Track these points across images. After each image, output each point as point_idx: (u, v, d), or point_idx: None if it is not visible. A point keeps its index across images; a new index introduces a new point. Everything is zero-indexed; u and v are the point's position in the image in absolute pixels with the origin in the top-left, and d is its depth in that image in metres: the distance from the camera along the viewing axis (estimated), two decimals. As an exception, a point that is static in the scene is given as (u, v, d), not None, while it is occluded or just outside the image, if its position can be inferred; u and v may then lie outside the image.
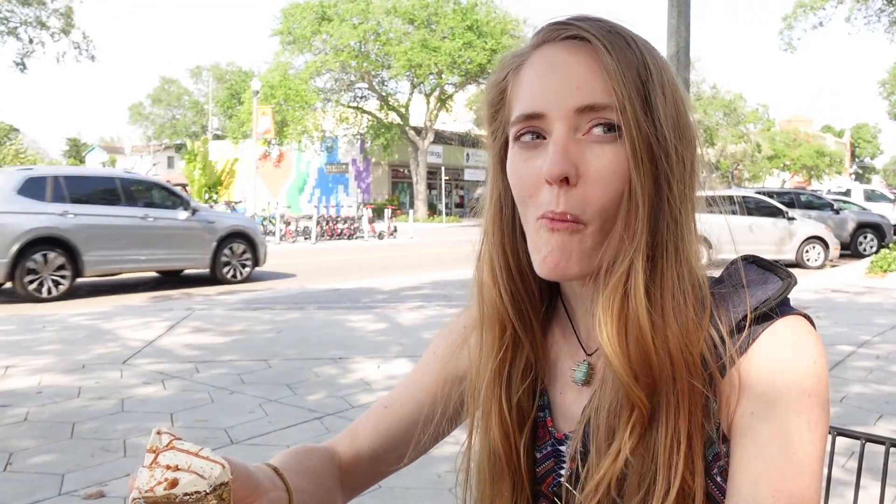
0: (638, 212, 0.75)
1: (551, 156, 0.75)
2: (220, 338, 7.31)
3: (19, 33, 26.62)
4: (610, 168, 0.75)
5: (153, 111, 74.59)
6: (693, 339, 0.75)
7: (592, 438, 0.80)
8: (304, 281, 12.69)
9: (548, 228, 0.77)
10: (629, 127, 0.74)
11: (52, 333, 7.44)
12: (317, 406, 5.02)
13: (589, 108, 0.75)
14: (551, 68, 0.78)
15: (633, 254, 0.75)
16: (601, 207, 0.76)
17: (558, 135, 0.76)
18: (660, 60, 0.79)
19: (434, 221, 36.27)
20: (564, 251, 0.77)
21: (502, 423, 0.88)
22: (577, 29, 0.78)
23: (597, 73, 0.75)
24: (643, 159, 0.74)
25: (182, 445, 0.68)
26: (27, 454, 4.08)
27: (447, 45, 33.27)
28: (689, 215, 0.78)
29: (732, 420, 0.75)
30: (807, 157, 66.20)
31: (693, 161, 0.79)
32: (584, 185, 0.76)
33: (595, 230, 0.76)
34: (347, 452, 1.00)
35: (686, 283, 0.77)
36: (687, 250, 0.77)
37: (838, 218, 18.70)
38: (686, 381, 0.75)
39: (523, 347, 0.88)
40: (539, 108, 0.78)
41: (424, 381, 1.01)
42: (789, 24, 25.89)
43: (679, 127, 0.77)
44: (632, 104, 0.74)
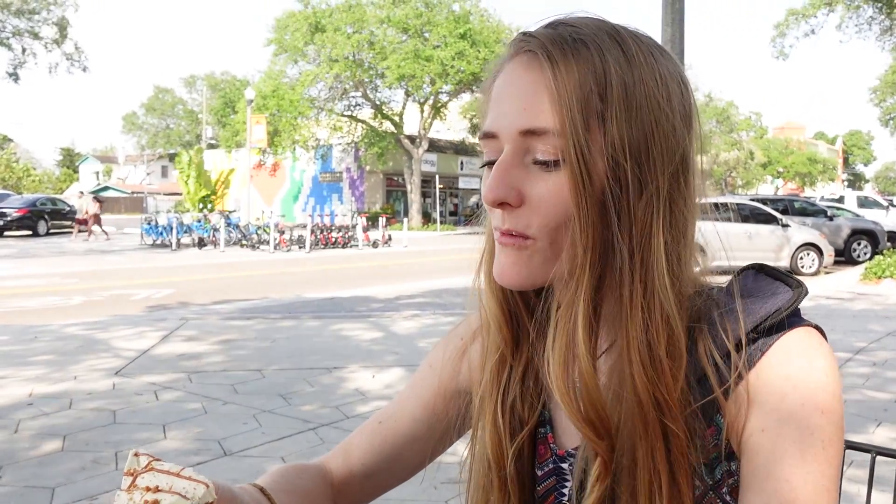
0: (581, 246, 0.71)
1: (489, 181, 0.74)
2: (214, 347, 7.26)
3: (11, 44, 26.55)
4: (552, 196, 0.72)
5: (147, 120, 74.51)
6: (666, 378, 0.71)
7: (590, 463, 0.77)
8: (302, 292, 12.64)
9: (499, 242, 0.76)
10: (570, 156, 0.70)
11: (44, 344, 7.38)
12: (311, 417, 4.98)
13: (530, 133, 0.72)
14: (507, 86, 0.75)
15: (575, 289, 0.72)
16: (546, 228, 0.73)
17: (503, 158, 0.74)
18: (637, 67, 0.72)
19: (429, 230, 36.23)
20: (513, 265, 0.75)
21: (495, 426, 0.85)
22: (533, 42, 0.74)
23: (543, 93, 0.71)
24: (585, 189, 0.70)
25: (162, 466, 0.65)
26: (17, 467, 4.02)
27: (439, 54, 33.29)
28: (658, 244, 0.72)
29: (741, 437, 0.72)
30: (799, 164, 66.45)
31: (674, 181, 0.73)
32: (528, 209, 0.73)
33: (544, 245, 0.74)
34: (340, 470, 0.97)
35: (655, 317, 0.72)
36: (656, 283, 0.72)
37: (832, 225, 18.73)
38: (658, 422, 0.71)
39: (521, 352, 0.85)
40: (492, 128, 0.76)
41: (421, 396, 0.97)
42: (781, 31, 26.00)
43: (649, 146, 0.71)
44: (574, 129, 0.69)
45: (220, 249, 23.04)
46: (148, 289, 12.54)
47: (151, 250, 23.10)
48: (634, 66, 0.72)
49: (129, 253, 21.80)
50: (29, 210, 30.11)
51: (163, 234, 24.76)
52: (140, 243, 25.21)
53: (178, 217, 25.31)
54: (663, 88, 0.73)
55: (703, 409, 0.73)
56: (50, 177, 74.18)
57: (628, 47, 0.73)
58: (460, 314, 0.98)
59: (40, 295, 11.76)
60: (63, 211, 32.54)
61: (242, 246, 24.24)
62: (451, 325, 1.01)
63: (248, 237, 24.53)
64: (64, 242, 26.15)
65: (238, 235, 24.89)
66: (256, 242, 23.97)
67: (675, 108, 0.74)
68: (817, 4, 24.89)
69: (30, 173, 66.87)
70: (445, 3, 34.94)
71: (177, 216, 25.53)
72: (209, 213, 28.16)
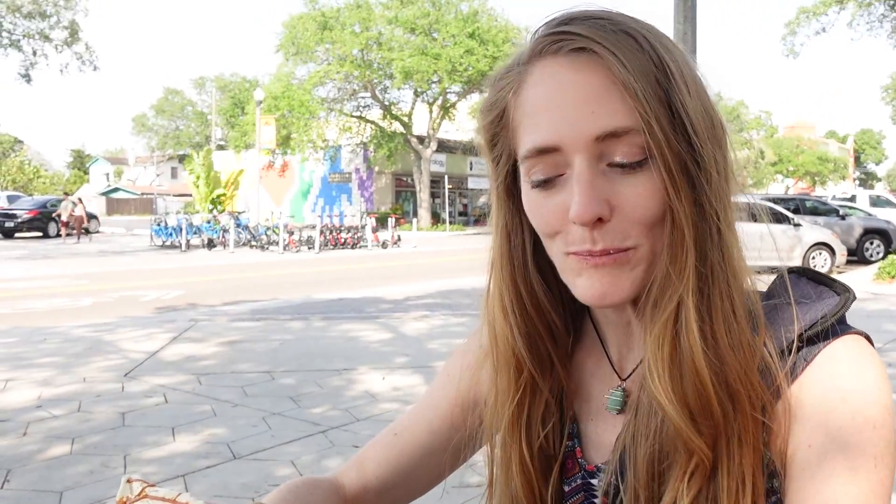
0: (683, 240, 0.66)
1: (578, 197, 0.66)
2: (223, 349, 7.24)
3: (22, 45, 26.68)
4: (646, 196, 0.66)
5: (157, 122, 74.77)
6: (751, 363, 0.67)
7: (630, 472, 0.72)
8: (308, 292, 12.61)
9: (589, 265, 0.69)
10: (660, 149, 0.64)
11: (53, 346, 7.37)
12: (321, 419, 4.94)
13: (611, 135, 0.66)
14: (559, 91, 0.67)
15: (683, 289, 0.67)
16: (645, 230, 0.68)
17: (581, 170, 0.67)
18: (676, 52, 0.68)
19: (438, 230, 36.21)
20: (616, 282, 0.69)
21: (524, 472, 0.80)
22: (581, 39, 0.67)
23: (612, 91, 0.65)
24: (680, 181, 0.66)
25: (156, 493, 0.61)
26: (25, 470, 3.99)
27: (448, 52, 33.26)
28: (731, 225, 0.69)
29: (785, 454, 0.67)
30: (810, 163, 66.14)
31: (726, 164, 0.70)
32: (620, 217, 0.67)
33: (646, 250, 0.68)
34: (354, 485, 0.92)
35: (739, 305, 0.68)
36: (736, 268, 0.68)
37: (844, 224, 18.59)
38: (749, 413, 0.66)
39: (542, 389, 0.80)
40: (553, 141, 0.68)
41: (439, 406, 0.92)
42: (792, 29, 25.87)
43: (711, 127, 0.68)
44: (658, 121, 0.64)
45: (230, 250, 23.08)
46: (157, 290, 12.55)
47: (161, 251, 23.15)
48: (673, 51, 0.69)
49: (139, 254, 21.86)
50: (39, 212, 30.27)
51: (172, 235, 24.83)
52: (150, 244, 25.29)
53: (187, 218, 25.38)
54: (694, 69, 0.70)
55: None
56: (60, 178, 74.57)
57: (659, 35, 0.69)
58: (470, 315, 0.92)
59: (50, 296, 11.78)
60: (73, 212, 32.71)
61: (252, 247, 24.29)
62: (460, 326, 0.97)
63: (257, 238, 24.57)
64: (64, 246, 26.25)
65: (247, 236, 24.94)
66: (266, 243, 24.01)
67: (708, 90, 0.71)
68: (828, 2, 24.76)
69: (40, 175, 67.28)
70: (453, 2, 34.91)
71: (186, 217, 25.61)
72: (218, 214, 28.24)
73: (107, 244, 26.12)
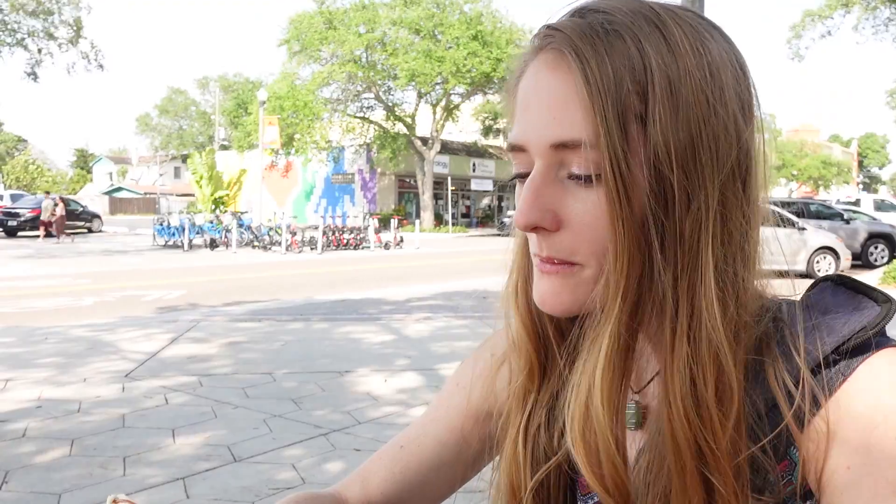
0: (613, 273, 0.62)
1: (520, 203, 0.64)
2: (224, 350, 7.20)
3: (27, 44, 26.70)
4: (594, 215, 0.62)
5: (160, 122, 74.86)
6: (713, 422, 0.61)
7: (649, 496, 0.67)
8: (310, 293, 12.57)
9: (538, 269, 0.67)
10: (604, 170, 0.60)
11: (52, 346, 7.33)
12: (322, 422, 4.89)
13: (562, 146, 0.62)
14: (535, 91, 0.65)
15: (603, 326, 0.63)
16: (593, 250, 0.63)
17: (533, 176, 0.64)
18: (682, 56, 0.61)
19: (440, 231, 36.17)
20: (558, 293, 0.66)
21: (514, 453, 0.76)
22: (558, 37, 0.63)
23: (575, 99, 0.61)
24: (622, 209, 0.60)
25: None
26: (24, 472, 3.96)
27: (451, 54, 33.25)
28: (706, 266, 0.62)
29: (821, 474, 0.62)
30: (813, 167, 66.00)
31: (726, 189, 0.62)
32: (569, 232, 0.64)
33: (592, 272, 0.64)
34: (357, 500, 0.88)
35: (702, 350, 0.61)
36: (704, 314, 0.61)
37: (849, 228, 18.52)
38: (697, 473, 0.62)
39: (550, 377, 0.77)
40: (520, 141, 0.66)
41: (447, 417, 0.88)
42: (797, 33, 25.80)
43: (697, 151, 0.61)
44: (610, 140, 0.59)
45: (232, 250, 23.06)
46: (159, 290, 12.52)
47: (164, 251, 23.13)
48: (679, 55, 0.61)
49: (142, 254, 21.85)
50: (42, 210, 30.24)
51: (175, 234, 24.82)
52: (152, 244, 25.28)
53: (190, 218, 25.38)
54: (714, 79, 0.62)
55: (773, 442, 0.63)
56: (64, 177, 74.66)
57: (671, 33, 0.62)
58: (473, 317, 0.89)
59: (52, 296, 11.75)
60: (76, 211, 32.74)
61: (254, 247, 24.26)
62: (463, 328, 0.93)
63: (259, 238, 24.55)
64: (78, 243, 26.24)
65: (250, 236, 24.91)
66: (268, 244, 23.98)
67: (730, 101, 0.63)
68: (834, 5, 24.70)
69: (43, 174, 67.37)
70: (457, 4, 34.90)
71: (189, 217, 25.61)
72: (221, 214, 28.22)
73: (109, 243, 26.10)
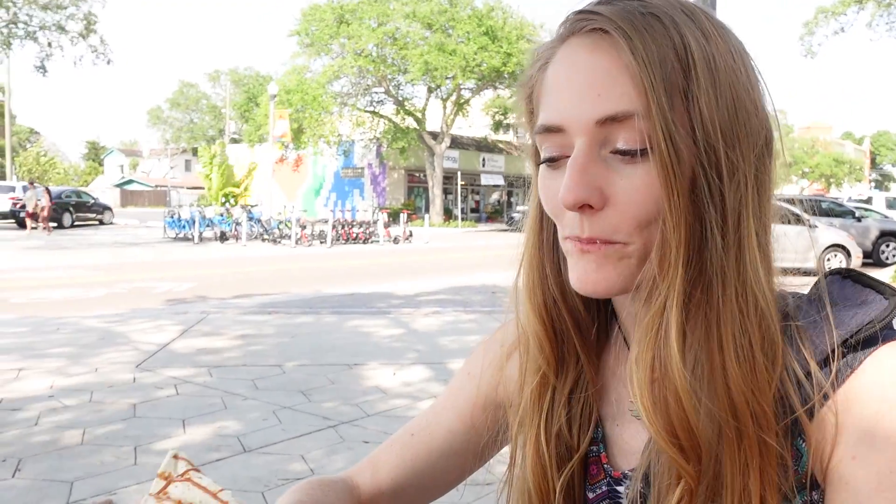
0: (674, 242, 0.63)
1: (566, 180, 0.64)
2: (234, 342, 7.24)
3: (38, 37, 26.83)
4: (642, 191, 0.63)
5: (171, 115, 75.09)
6: (762, 384, 0.63)
7: (655, 480, 0.68)
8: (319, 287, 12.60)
9: (577, 250, 0.67)
10: (658, 142, 0.61)
11: (65, 336, 7.39)
12: (331, 414, 4.92)
13: (611, 120, 0.63)
14: (572, 71, 0.66)
15: (667, 294, 0.64)
16: (638, 228, 0.65)
17: (576, 154, 0.65)
18: (713, 40, 0.65)
19: (450, 226, 36.16)
20: (599, 271, 0.66)
21: (538, 456, 0.77)
22: (599, 19, 0.65)
23: (621, 75, 0.63)
24: (676, 180, 0.62)
25: (200, 480, 0.58)
26: (36, 460, 4.00)
27: (462, 49, 33.20)
28: (750, 233, 0.65)
29: (827, 466, 0.63)
30: (825, 164, 65.64)
31: (759, 164, 0.66)
32: (613, 209, 0.65)
33: (636, 248, 0.65)
34: (368, 487, 0.89)
35: (751, 316, 0.64)
36: (750, 277, 0.64)
37: (860, 226, 18.42)
38: (755, 437, 0.63)
39: (567, 373, 0.77)
40: (558, 121, 0.66)
41: (458, 406, 0.89)
42: (810, 29, 25.62)
43: (735, 126, 0.64)
44: (661, 111, 0.61)
45: (242, 243, 23.14)
46: (169, 282, 12.58)
47: (174, 243, 23.23)
48: (710, 38, 0.65)
49: (152, 246, 21.95)
50: (54, 202, 30.40)
51: (185, 227, 24.92)
52: (163, 236, 25.39)
53: (200, 211, 25.45)
54: (740, 63, 0.66)
55: (783, 431, 0.64)
56: (76, 169, 75.04)
57: (699, 19, 0.65)
58: (481, 311, 0.90)
59: (63, 286, 11.84)
60: (88, 203, 32.87)
61: (264, 240, 24.33)
62: (472, 322, 0.94)
63: (269, 231, 24.61)
64: (90, 235, 26.39)
65: (260, 230, 24.98)
66: (278, 237, 24.05)
67: (753, 84, 0.67)
68: (847, 2, 24.51)
69: (55, 166, 67.70)
70: (467, 0, 34.84)
71: (199, 210, 25.68)
72: (231, 208, 28.30)
73: (120, 235, 26.23)
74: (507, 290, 0.81)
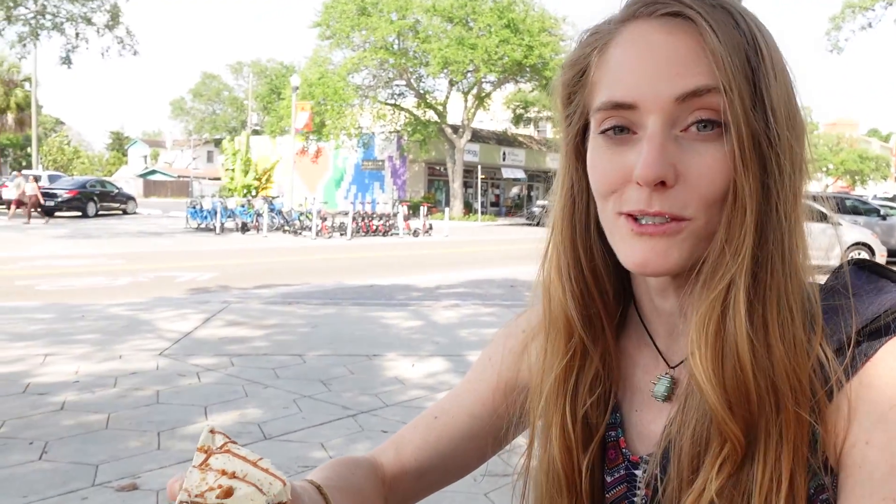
0: (744, 220, 0.65)
1: (646, 157, 0.66)
2: (256, 331, 7.32)
3: (65, 28, 27.13)
4: (714, 168, 0.66)
5: (194, 106, 75.64)
6: (801, 361, 0.65)
7: (674, 464, 0.70)
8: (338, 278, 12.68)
9: (637, 232, 0.68)
10: (736, 118, 0.64)
11: (90, 323, 7.51)
12: (351, 403, 4.97)
13: (692, 94, 0.65)
14: (647, 50, 0.68)
15: (736, 269, 0.66)
16: (705, 204, 0.67)
17: (654, 131, 0.66)
18: (770, 41, 0.69)
19: (470, 220, 36.17)
20: (664, 251, 0.68)
21: (564, 437, 0.79)
22: (678, 4, 0.67)
23: (701, 56, 0.65)
24: (751, 158, 0.65)
25: (239, 451, 0.61)
26: (62, 443, 4.08)
27: (484, 42, 33.13)
28: (798, 220, 0.68)
29: (841, 451, 0.65)
30: (850, 161, 64.80)
31: (801, 159, 0.69)
32: (683, 186, 0.66)
33: (700, 225, 0.67)
34: (392, 466, 0.92)
35: (795, 297, 0.66)
36: (796, 260, 0.67)
37: (885, 224, 18.19)
38: (792, 410, 0.65)
39: (592, 356, 0.79)
40: (631, 98, 0.68)
41: (479, 391, 0.92)
42: (837, 24, 25.31)
43: (791, 118, 0.67)
44: (740, 93, 0.64)
45: (263, 234, 23.30)
46: (192, 272, 12.71)
47: (196, 234, 23.45)
48: (762, 30, 0.69)
49: (175, 236, 22.16)
50: (79, 191, 30.77)
51: (207, 218, 25.13)
52: (185, 227, 25.61)
53: (222, 202, 25.65)
54: (784, 60, 0.70)
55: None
56: (100, 159, 75.82)
57: (754, 17, 0.70)
58: (501, 305, 0.92)
59: (88, 275, 12.00)
60: (112, 193, 33.21)
61: (285, 232, 24.48)
62: (491, 315, 0.96)
63: (290, 223, 24.76)
64: (113, 224, 26.69)
65: (281, 221, 25.14)
66: (299, 228, 24.19)
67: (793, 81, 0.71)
68: (876, -3, 24.14)
69: (80, 155, 68.46)
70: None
71: (221, 201, 25.88)
72: (253, 199, 28.47)
73: (143, 225, 26.50)
74: (526, 285, 0.82)
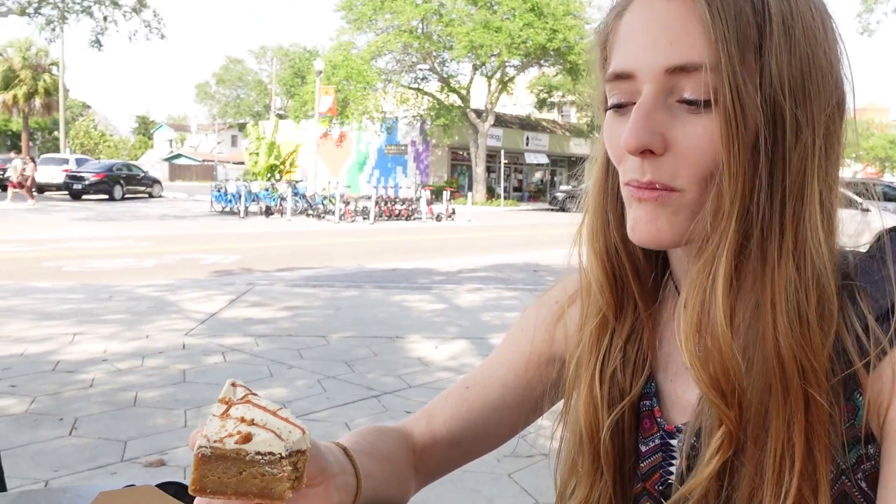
0: (727, 196, 0.64)
1: (630, 125, 0.66)
2: (280, 313, 7.37)
3: (93, 12, 27.34)
4: (702, 140, 0.64)
5: (218, 90, 75.94)
6: (814, 341, 0.64)
7: (704, 435, 0.70)
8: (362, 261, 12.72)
9: (634, 197, 0.69)
10: (723, 93, 0.62)
11: (118, 303, 7.61)
12: (374, 384, 5.00)
13: (680, 69, 0.64)
14: (647, 20, 0.67)
15: (718, 243, 0.65)
16: (697, 177, 0.66)
17: (644, 100, 0.66)
18: (794, 8, 0.65)
19: (492, 205, 36.08)
20: (653, 221, 0.68)
21: (591, 394, 0.79)
22: None
23: (695, 25, 0.64)
24: (738, 132, 0.63)
25: (259, 401, 0.61)
26: (91, 419, 4.15)
27: (508, 26, 32.89)
28: (812, 192, 0.65)
29: (884, 419, 0.63)
30: (880, 147, 63.67)
31: (830, 124, 0.66)
32: (673, 155, 0.66)
33: (692, 197, 0.67)
34: (423, 436, 0.92)
35: (806, 274, 0.64)
36: (809, 236, 0.65)
37: (916, 211, 17.90)
38: (801, 390, 0.64)
39: (625, 318, 0.79)
40: (628, 67, 0.68)
41: (512, 361, 0.91)
42: (868, 6, 24.78)
43: (807, 84, 0.64)
44: (730, 64, 0.62)
45: (287, 218, 23.41)
46: (216, 254, 12.82)
47: (221, 217, 23.62)
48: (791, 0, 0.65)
49: (200, 219, 22.35)
50: (105, 175, 31.07)
51: (231, 201, 25.29)
52: (210, 210, 25.82)
53: (246, 185, 25.80)
54: (819, 21, 0.66)
55: (840, 384, 0.65)
56: (126, 143, 76.54)
57: None
58: (523, 289, 0.92)
59: (115, 257, 12.15)
60: (138, 177, 33.52)
61: (308, 215, 24.59)
62: (513, 299, 0.96)
63: (314, 207, 24.86)
64: (139, 207, 26.98)
65: (304, 205, 25.25)
66: (322, 212, 24.28)
67: (831, 45, 0.67)
68: (910, -22, 23.60)
69: (106, 139, 69.15)
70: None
71: (245, 185, 26.03)
72: (276, 183, 28.59)
73: (169, 208, 26.75)
74: (549, 269, 0.82)
